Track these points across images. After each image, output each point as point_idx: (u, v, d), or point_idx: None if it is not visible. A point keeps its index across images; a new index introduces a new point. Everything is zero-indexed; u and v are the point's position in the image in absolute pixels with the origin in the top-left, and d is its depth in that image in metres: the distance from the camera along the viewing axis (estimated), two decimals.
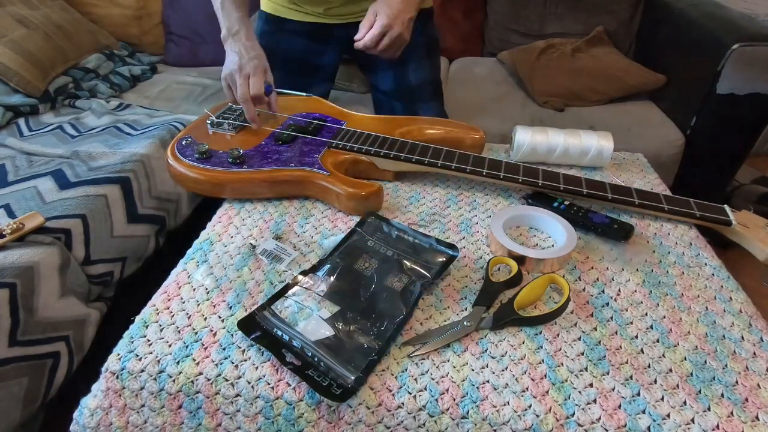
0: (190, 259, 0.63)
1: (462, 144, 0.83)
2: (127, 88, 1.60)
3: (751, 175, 1.72)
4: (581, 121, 1.39)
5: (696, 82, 1.36)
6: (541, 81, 1.51)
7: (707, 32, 1.36)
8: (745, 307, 0.57)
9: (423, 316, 0.55)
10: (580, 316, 0.55)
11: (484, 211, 0.73)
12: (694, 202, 0.70)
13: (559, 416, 0.45)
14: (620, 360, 0.50)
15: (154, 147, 1.16)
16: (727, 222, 0.67)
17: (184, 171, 0.74)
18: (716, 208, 0.69)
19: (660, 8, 1.64)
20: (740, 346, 0.52)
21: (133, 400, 0.49)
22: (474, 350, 0.51)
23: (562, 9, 1.74)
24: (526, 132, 0.84)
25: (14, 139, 1.21)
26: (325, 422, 0.47)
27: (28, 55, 1.36)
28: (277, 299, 0.55)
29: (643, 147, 1.25)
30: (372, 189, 0.69)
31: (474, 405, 0.46)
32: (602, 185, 0.72)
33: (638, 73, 1.51)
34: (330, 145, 0.78)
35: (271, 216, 0.71)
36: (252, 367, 0.49)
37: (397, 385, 0.47)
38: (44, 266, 0.84)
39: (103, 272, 0.99)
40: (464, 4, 1.83)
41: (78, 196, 0.98)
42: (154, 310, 0.56)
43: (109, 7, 1.77)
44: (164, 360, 0.50)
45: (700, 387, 0.47)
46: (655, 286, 0.60)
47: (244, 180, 0.73)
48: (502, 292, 0.58)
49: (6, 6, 1.44)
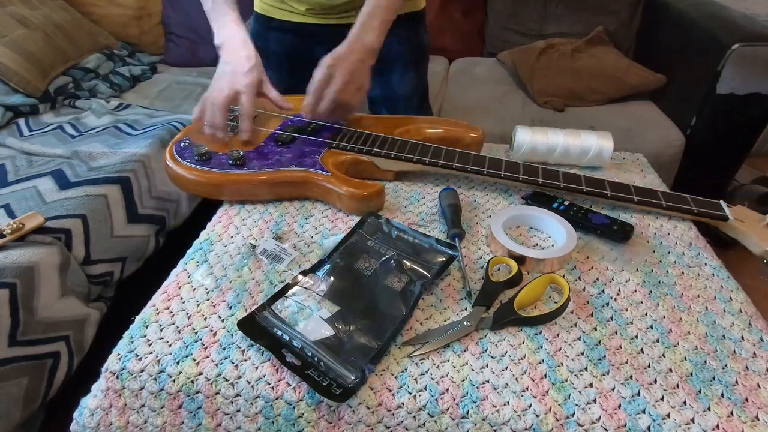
0: (190, 259, 0.63)
1: (461, 143, 0.83)
2: (127, 88, 1.60)
3: (751, 175, 1.72)
4: (581, 121, 1.39)
5: (696, 82, 1.36)
6: (541, 81, 1.51)
7: (707, 32, 1.36)
8: (745, 307, 0.57)
9: (423, 316, 0.55)
10: (580, 316, 0.55)
11: (484, 211, 0.73)
12: (691, 198, 0.71)
13: (559, 416, 0.45)
14: (620, 360, 0.50)
15: (154, 147, 1.16)
16: (724, 217, 0.68)
17: (183, 173, 0.74)
18: (713, 203, 0.70)
19: (660, 8, 1.64)
20: (740, 346, 0.52)
21: (133, 400, 0.49)
22: (474, 350, 0.51)
23: (562, 9, 1.74)
24: (526, 132, 0.84)
25: (14, 139, 1.21)
26: (325, 422, 0.47)
27: (28, 55, 1.36)
28: (277, 299, 0.55)
29: (643, 147, 1.25)
30: (374, 189, 0.69)
31: (474, 405, 0.46)
32: (601, 182, 0.73)
33: (638, 73, 1.51)
34: (330, 146, 0.78)
35: (271, 216, 0.71)
36: (252, 367, 0.49)
37: (397, 385, 0.47)
38: (44, 266, 0.84)
39: (103, 272, 0.99)
40: (464, 4, 1.83)
41: (78, 196, 0.98)
42: (154, 310, 0.56)
43: (109, 7, 1.77)
44: (164, 360, 0.50)
45: (700, 387, 0.47)
46: (655, 286, 0.60)
47: (245, 181, 0.73)
48: (502, 292, 0.58)
49: (6, 6, 1.44)
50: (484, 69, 1.72)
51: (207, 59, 1.78)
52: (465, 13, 1.84)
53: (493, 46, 1.84)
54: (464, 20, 1.84)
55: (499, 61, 1.76)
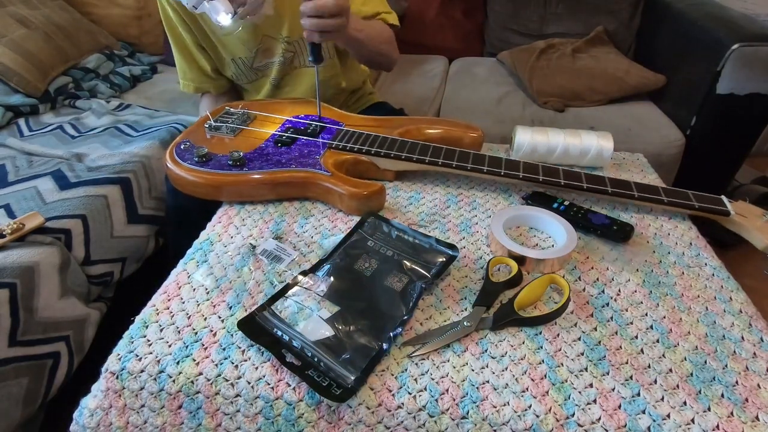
0: (190, 259, 0.63)
1: (460, 142, 0.83)
2: (127, 89, 1.59)
3: (751, 175, 1.72)
4: (581, 121, 1.39)
5: (696, 82, 1.35)
6: (541, 81, 1.51)
7: (707, 32, 1.36)
8: (745, 307, 0.57)
9: (423, 316, 0.55)
10: (580, 316, 0.55)
11: (484, 211, 0.73)
12: (692, 194, 0.71)
13: (559, 416, 0.45)
14: (620, 360, 0.50)
15: (155, 148, 1.16)
16: (725, 212, 0.68)
17: (183, 175, 0.74)
18: (714, 199, 0.70)
19: (660, 8, 1.64)
20: (740, 346, 0.52)
21: (133, 400, 0.49)
22: (474, 350, 0.51)
23: (562, 9, 1.74)
24: (526, 132, 0.84)
25: (14, 139, 1.21)
26: (325, 422, 0.47)
27: (28, 55, 1.36)
28: (277, 299, 0.55)
29: (643, 147, 1.25)
30: (374, 189, 0.70)
31: (474, 405, 0.46)
32: (602, 179, 0.73)
33: (638, 73, 1.51)
34: (331, 146, 0.78)
35: (271, 216, 0.71)
36: (252, 367, 0.49)
37: (397, 385, 0.47)
38: (44, 266, 0.84)
39: (103, 272, 0.99)
40: (464, 4, 1.83)
41: (78, 196, 0.98)
42: (154, 311, 0.56)
43: (109, 7, 1.77)
44: (164, 360, 0.50)
45: (700, 387, 0.47)
46: (655, 286, 0.60)
47: (246, 182, 0.73)
48: (502, 292, 0.58)
49: (6, 6, 1.44)
50: (484, 69, 1.72)
51: None
52: (465, 13, 1.84)
53: (493, 46, 1.84)
54: (464, 20, 1.84)
55: (499, 61, 1.75)
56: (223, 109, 0.90)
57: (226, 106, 0.91)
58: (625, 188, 0.72)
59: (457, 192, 0.77)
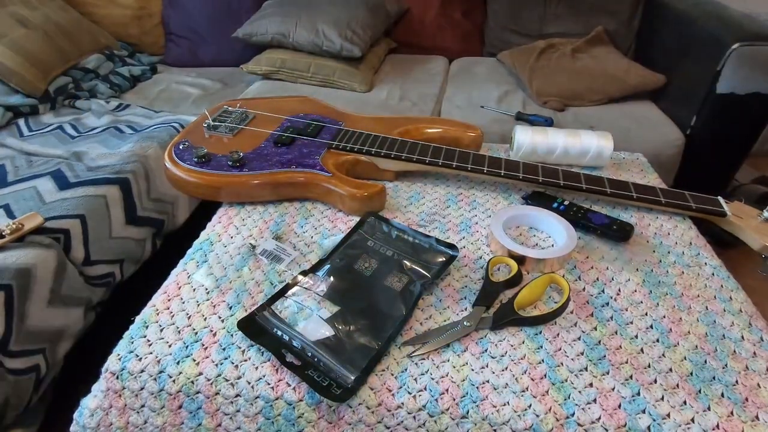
0: (190, 260, 0.63)
1: (460, 142, 0.83)
2: (127, 89, 1.60)
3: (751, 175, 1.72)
4: (581, 121, 1.39)
5: (696, 82, 1.35)
6: (541, 81, 1.51)
7: (707, 32, 1.36)
8: (745, 306, 0.57)
9: (423, 316, 0.55)
10: (580, 316, 0.55)
11: (484, 211, 0.73)
12: (689, 195, 0.71)
13: (559, 416, 0.45)
14: (620, 360, 0.50)
15: (154, 148, 1.16)
16: (722, 213, 0.68)
17: (182, 175, 0.74)
18: (711, 200, 0.71)
19: (660, 8, 1.64)
20: (740, 346, 0.52)
21: (133, 400, 0.49)
22: (474, 350, 0.51)
23: (562, 9, 1.74)
24: (526, 132, 0.84)
25: (14, 139, 1.21)
26: (325, 422, 0.47)
27: (28, 55, 1.36)
28: (277, 299, 0.55)
29: (643, 147, 1.25)
30: (375, 189, 0.69)
31: (474, 405, 0.46)
32: (601, 180, 0.73)
33: (638, 73, 1.51)
34: (330, 147, 0.78)
35: (271, 216, 0.71)
36: (252, 367, 0.49)
37: (397, 385, 0.47)
38: (41, 269, 0.83)
39: (104, 273, 0.99)
40: (464, 4, 1.83)
41: (77, 196, 0.98)
42: (154, 311, 0.56)
43: (109, 7, 1.77)
44: (164, 360, 0.50)
45: (700, 387, 0.47)
46: (655, 285, 0.60)
47: (245, 183, 0.72)
48: (502, 292, 0.58)
49: (6, 6, 1.44)
50: (484, 69, 1.72)
51: (207, 59, 1.77)
52: (465, 13, 1.84)
53: (493, 46, 1.84)
54: (464, 20, 1.84)
55: (499, 61, 1.75)
56: (222, 108, 0.90)
57: (224, 104, 0.91)
58: (623, 189, 0.72)
59: (456, 192, 0.77)
